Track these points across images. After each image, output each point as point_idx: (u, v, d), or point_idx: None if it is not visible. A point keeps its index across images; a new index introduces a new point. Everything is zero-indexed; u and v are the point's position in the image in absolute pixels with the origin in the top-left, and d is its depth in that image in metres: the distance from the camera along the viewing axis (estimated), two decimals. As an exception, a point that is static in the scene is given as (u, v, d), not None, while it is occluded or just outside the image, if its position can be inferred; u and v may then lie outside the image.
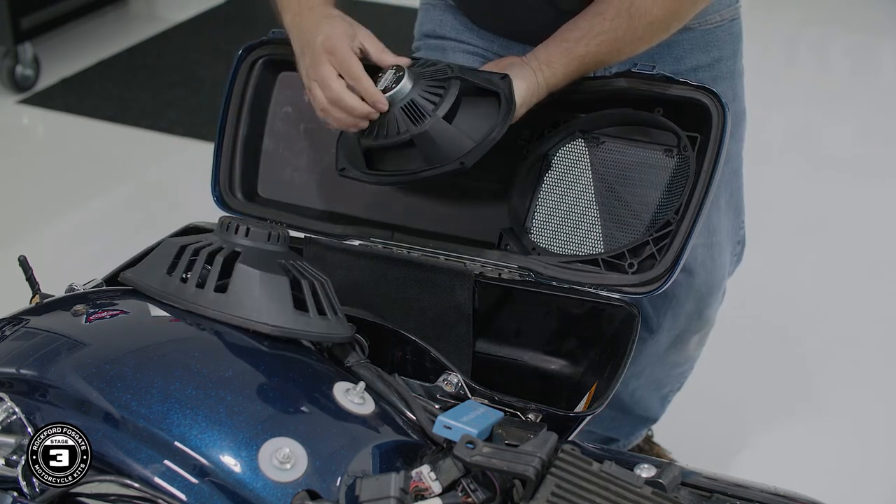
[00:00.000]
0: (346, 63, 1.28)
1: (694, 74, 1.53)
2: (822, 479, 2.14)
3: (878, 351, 2.57)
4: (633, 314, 1.29)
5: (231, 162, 1.49)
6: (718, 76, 1.56)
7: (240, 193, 1.49)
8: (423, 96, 1.28)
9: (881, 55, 4.46)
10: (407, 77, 1.28)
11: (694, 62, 1.53)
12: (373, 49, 1.32)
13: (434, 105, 1.28)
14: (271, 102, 1.50)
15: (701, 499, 1.00)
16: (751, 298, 2.69)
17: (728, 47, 1.57)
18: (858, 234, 3.05)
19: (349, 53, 1.29)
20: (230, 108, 1.48)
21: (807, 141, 3.66)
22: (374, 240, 1.42)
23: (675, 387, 1.96)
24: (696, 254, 1.63)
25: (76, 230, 3.05)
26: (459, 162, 1.28)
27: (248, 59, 1.48)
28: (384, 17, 4.29)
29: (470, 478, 0.96)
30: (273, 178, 1.51)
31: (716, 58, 1.55)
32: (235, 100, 1.48)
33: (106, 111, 3.67)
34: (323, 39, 1.29)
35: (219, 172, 1.48)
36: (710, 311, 1.79)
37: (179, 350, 1.05)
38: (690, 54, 1.53)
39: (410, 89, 1.28)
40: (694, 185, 1.29)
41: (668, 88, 1.33)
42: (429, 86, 1.29)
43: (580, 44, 1.32)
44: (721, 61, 1.56)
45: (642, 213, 1.36)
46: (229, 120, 1.48)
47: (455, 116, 1.28)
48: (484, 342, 1.40)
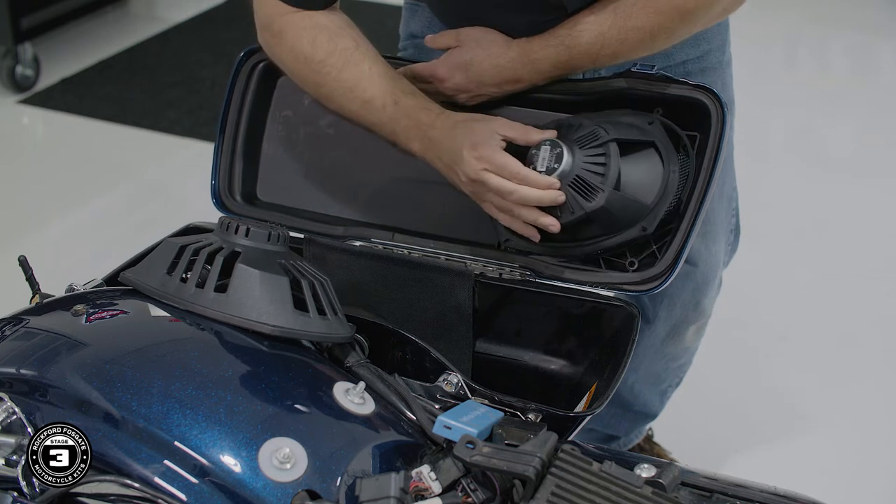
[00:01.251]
0: (504, 168, 1.27)
1: (683, 67, 1.53)
2: (822, 478, 2.15)
3: (878, 351, 2.57)
4: (633, 314, 1.29)
5: (230, 165, 1.49)
6: (708, 67, 1.56)
7: (239, 196, 1.49)
8: (587, 169, 1.27)
9: (881, 55, 4.46)
10: (566, 152, 1.27)
11: (683, 56, 1.54)
12: (517, 135, 1.30)
13: (601, 175, 1.27)
14: (271, 106, 1.50)
15: (701, 499, 1.00)
16: (750, 298, 2.70)
17: (716, 39, 1.58)
18: (858, 234, 3.05)
19: (502, 155, 1.28)
20: (230, 111, 1.48)
21: (807, 141, 3.66)
22: (374, 241, 1.42)
23: (674, 382, 1.96)
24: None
25: (76, 230, 3.05)
26: (641, 228, 1.29)
27: (249, 63, 1.48)
28: (384, 17, 4.29)
29: (470, 478, 0.96)
30: (272, 182, 1.51)
31: (705, 50, 1.56)
32: (235, 103, 1.48)
33: (106, 111, 3.67)
34: (469, 151, 1.28)
35: (218, 176, 1.48)
36: (707, 301, 1.79)
37: (179, 350, 1.05)
38: (680, 49, 1.53)
39: (573, 164, 1.27)
40: (694, 184, 1.29)
41: (668, 88, 1.33)
42: (588, 155, 1.28)
43: (565, 28, 1.33)
44: (710, 53, 1.57)
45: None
46: (229, 123, 1.48)
47: (621, 181, 1.28)
48: (484, 342, 1.39)
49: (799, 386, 2.45)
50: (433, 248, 1.39)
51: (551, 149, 1.28)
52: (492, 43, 1.37)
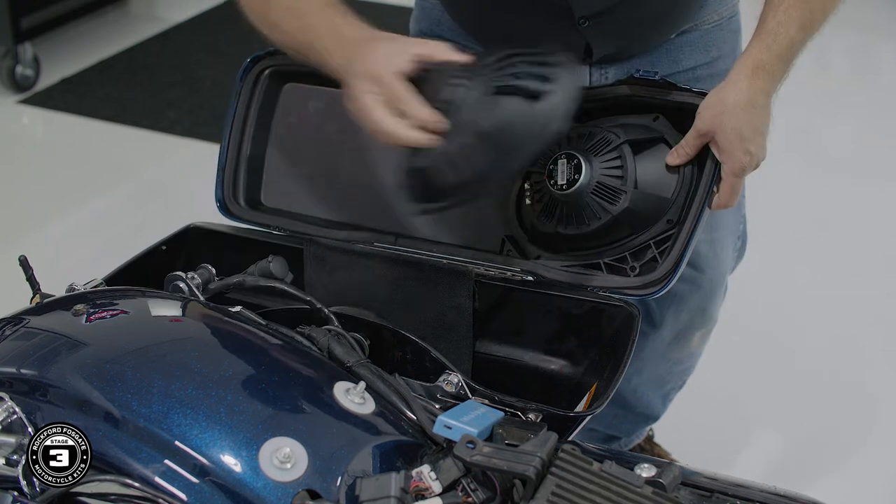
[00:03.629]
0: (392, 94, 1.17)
1: (692, 73, 1.52)
2: (822, 478, 2.15)
3: (879, 351, 2.57)
4: (634, 314, 1.29)
5: (235, 170, 1.49)
6: (716, 73, 1.54)
7: (243, 201, 1.49)
8: (606, 174, 1.30)
9: (881, 55, 4.46)
10: (583, 162, 1.30)
11: (692, 62, 1.53)
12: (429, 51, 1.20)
13: (621, 178, 1.30)
14: (276, 112, 1.51)
15: (701, 499, 1.00)
16: (751, 298, 2.69)
17: (727, 45, 1.56)
18: (858, 234, 3.05)
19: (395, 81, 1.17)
20: (235, 117, 1.48)
21: (807, 141, 3.66)
22: (377, 245, 1.42)
23: (677, 385, 1.96)
24: (699, 250, 1.63)
25: (76, 230, 3.05)
26: (667, 221, 1.31)
27: (255, 69, 1.48)
28: (384, 17, 4.29)
29: (470, 478, 0.96)
30: (277, 187, 1.51)
31: (715, 56, 1.54)
32: (241, 109, 1.48)
33: (106, 111, 3.67)
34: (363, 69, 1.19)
35: (223, 181, 1.48)
36: (714, 308, 1.79)
37: (179, 350, 1.05)
38: (690, 56, 1.52)
39: (591, 172, 1.30)
40: (696, 189, 1.30)
41: (670, 94, 1.33)
42: (605, 161, 1.30)
43: (779, 29, 1.29)
44: (720, 59, 1.55)
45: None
46: (234, 129, 1.48)
47: (638, 180, 1.31)
48: (484, 342, 1.40)
49: (799, 386, 2.45)
50: (435, 253, 1.40)
51: (567, 161, 1.30)
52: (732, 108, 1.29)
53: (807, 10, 1.29)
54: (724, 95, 1.28)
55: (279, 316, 1.23)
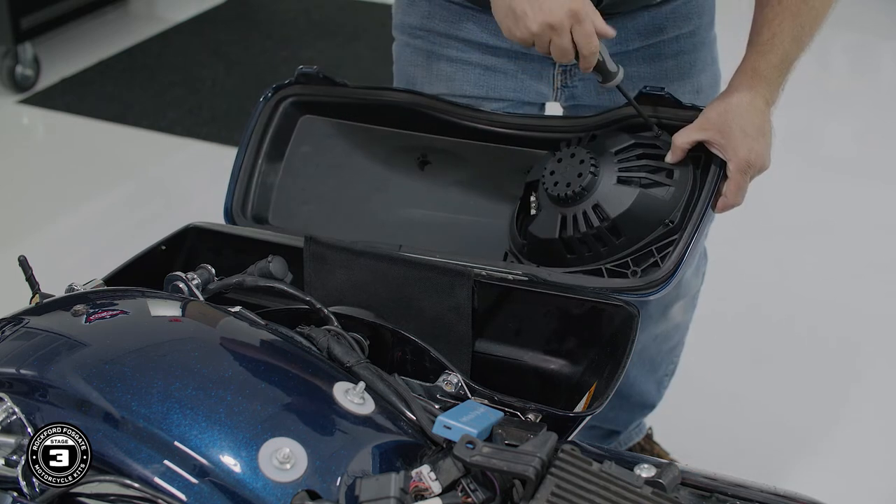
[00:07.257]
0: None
1: (676, 42, 1.58)
2: (822, 478, 2.15)
3: (878, 350, 2.57)
4: (633, 314, 1.29)
5: (246, 189, 1.53)
6: (699, 43, 1.61)
7: (251, 216, 1.53)
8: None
9: (881, 55, 4.46)
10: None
11: (676, 31, 1.58)
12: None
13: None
14: (291, 140, 1.55)
15: (701, 499, 1.00)
16: (751, 298, 2.70)
17: (706, 15, 1.62)
18: (859, 234, 3.05)
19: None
20: (252, 138, 1.53)
21: (807, 141, 3.66)
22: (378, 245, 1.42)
23: (669, 369, 1.97)
24: None
25: (76, 230, 3.05)
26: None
27: (275, 97, 1.54)
28: (384, 17, 4.29)
29: (470, 478, 0.96)
30: (285, 210, 1.55)
31: (696, 25, 1.60)
32: (258, 132, 1.53)
33: (106, 111, 3.68)
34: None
35: (232, 198, 1.52)
36: (689, 274, 1.80)
37: (179, 350, 1.05)
38: (673, 24, 1.57)
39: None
40: (697, 199, 1.33)
41: (673, 112, 1.38)
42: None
43: (773, 40, 1.35)
44: (700, 29, 1.61)
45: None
46: (249, 149, 1.53)
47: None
48: (484, 342, 1.40)
49: (799, 386, 2.45)
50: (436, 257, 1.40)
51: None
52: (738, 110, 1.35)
53: (797, 24, 1.36)
54: (727, 98, 1.34)
55: (279, 316, 1.23)
